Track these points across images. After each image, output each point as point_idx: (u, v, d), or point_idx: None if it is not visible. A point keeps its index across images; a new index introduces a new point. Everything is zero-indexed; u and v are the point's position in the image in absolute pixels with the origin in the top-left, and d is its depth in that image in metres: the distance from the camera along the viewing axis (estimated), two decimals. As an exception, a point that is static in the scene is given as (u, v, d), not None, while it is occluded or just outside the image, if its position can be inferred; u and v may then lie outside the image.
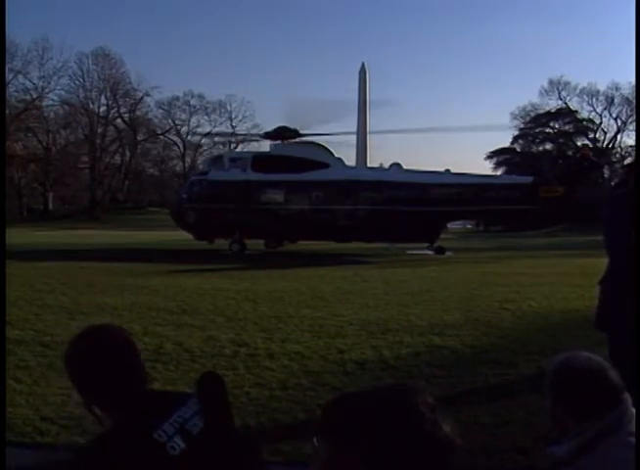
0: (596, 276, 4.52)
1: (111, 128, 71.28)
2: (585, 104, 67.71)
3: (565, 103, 67.37)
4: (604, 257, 4.35)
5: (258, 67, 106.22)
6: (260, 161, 24.93)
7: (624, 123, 66.09)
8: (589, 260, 15.50)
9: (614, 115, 66.95)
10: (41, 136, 66.69)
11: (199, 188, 25.21)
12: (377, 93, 71.97)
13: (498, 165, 64.78)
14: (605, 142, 67.45)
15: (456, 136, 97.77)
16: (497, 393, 5.76)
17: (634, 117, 59.28)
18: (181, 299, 11.16)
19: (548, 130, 67.61)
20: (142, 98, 70.99)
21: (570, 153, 60.46)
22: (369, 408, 1.23)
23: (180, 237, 28.64)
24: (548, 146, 67.15)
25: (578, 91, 67.32)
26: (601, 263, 4.50)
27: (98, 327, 2.06)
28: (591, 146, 55.73)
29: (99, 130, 69.18)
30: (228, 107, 74.84)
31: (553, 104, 67.37)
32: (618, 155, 66.16)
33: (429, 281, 14.50)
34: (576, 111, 67.44)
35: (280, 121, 33.90)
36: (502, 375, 6.30)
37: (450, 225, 31.72)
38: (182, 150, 75.39)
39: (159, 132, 74.96)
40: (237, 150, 56.02)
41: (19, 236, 28.79)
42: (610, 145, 67.27)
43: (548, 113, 66.86)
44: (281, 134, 26.66)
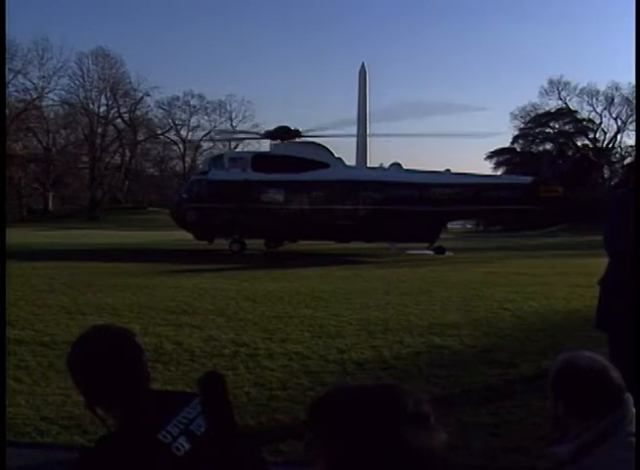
0: (596, 276, 4.52)
1: (111, 128, 71.29)
2: (585, 104, 67.87)
3: (565, 103, 67.44)
4: (604, 257, 4.35)
5: (258, 67, 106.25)
6: (260, 160, 24.92)
7: (624, 123, 66.18)
8: (589, 260, 15.52)
9: (614, 115, 67.09)
10: (41, 136, 66.70)
11: (199, 188, 25.20)
12: (377, 93, 71.96)
13: (498, 165, 64.82)
14: (605, 142, 67.49)
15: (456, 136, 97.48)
16: (497, 393, 5.76)
17: (634, 117, 59.34)
18: (181, 299, 11.16)
19: (548, 130, 67.64)
20: (142, 98, 71.13)
21: (570, 153, 60.48)
22: (348, 409, 1.22)
23: (180, 237, 28.64)
24: (548, 146, 67.18)
25: (578, 91, 67.48)
26: (601, 263, 4.50)
27: (101, 327, 2.06)
28: (591, 146, 55.78)
29: (99, 130, 69.19)
30: (228, 107, 75.03)
31: (553, 104, 67.55)
32: (618, 155, 66.19)
33: (429, 281, 14.50)
34: (576, 111, 67.53)
35: (280, 121, 33.99)
36: (502, 375, 6.29)
37: (450, 225, 31.74)
38: (182, 150, 75.41)
39: (159, 132, 74.99)
40: (237, 150, 56.04)
41: (19, 236, 28.80)
42: (610, 145, 67.30)
43: (548, 113, 66.91)
44: (281, 134, 26.66)
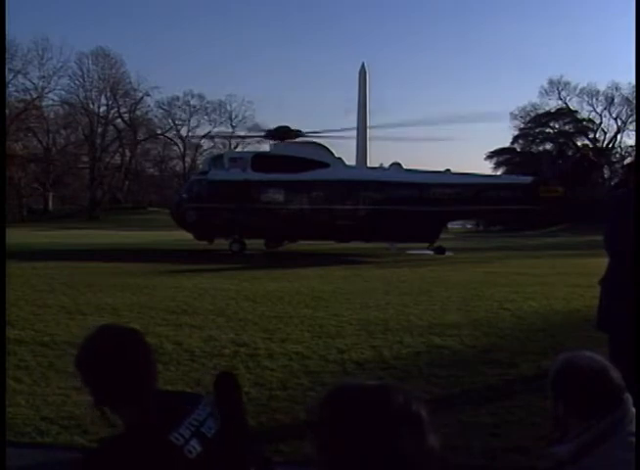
0: (596, 276, 4.52)
1: (111, 128, 71.29)
2: (585, 104, 67.88)
3: (565, 103, 67.44)
4: (604, 257, 4.35)
5: (258, 67, 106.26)
6: (260, 160, 24.92)
7: (624, 123, 66.18)
8: (589, 260, 15.52)
9: (614, 115, 67.10)
10: (41, 136, 66.71)
11: (199, 188, 25.20)
12: (377, 93, 72.01)
13: (498, 165, 64.86)
14: (605, 142, 67.49)
15: (456, 136, 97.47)
16: (497, 393, 5.76)
17: (634, 117, 59.33)
18: (181, 299, 11.16)
19: (548, 130, 67.65)
20: (142, 98, 71.14)
21: (570, 153, 60.48)
22: (348, 410, 1.22)
23: (180, 237, 28.65)
24: (548, 146, 67.19)
25: (578, 91, 67.48)
26: (601, 263, 4.50)
27: (111, 326, 2.05)
28: (591, 146, 55.77)
29: (99, 130, 69.20)
30: (228, 107, 75.04)
31: (553, 104, 67.55)
32: (618, 155, 66.18)
33: (429, 281, 14.50)
34: (576, 111, 67.53)
35: (280, 121, 33.97)
36: (502, 375, 6.29)
37: (450, 225, 31.73)
38: (182, 150, 75.41)
39: (159, 132, 74.99)
40: (237, 150, 56.03)
41: (19, 236, 28.80)
42: (610, 145, 67.30)
43: (548, 113, 66.91)
44: (281, 134, 26.66)
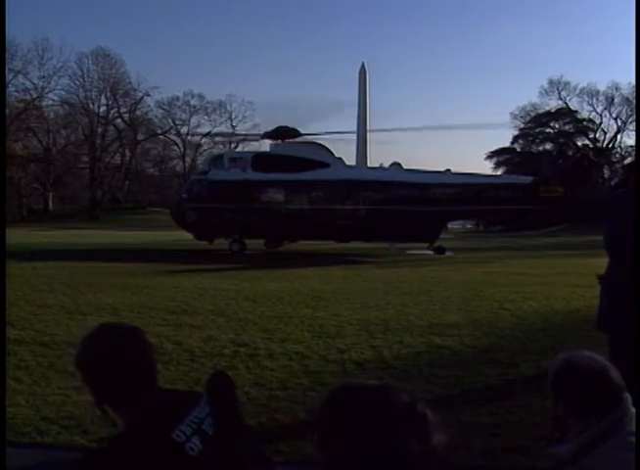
0: (596, 276, 4.52)
1: (111, 128, 71.28)
2: (585, 104, 67.87)
3: (565, 103, 67.41)
4: (604, 257, 4.35)
5: (258, 67, 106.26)
6: (260, 160, 24.93)
7: (624, 123, 66.18)
8: (589, 260, 15.50)
9: (614, 115, 67.09)
10: (41, 136, 66.70)
11: (199, 188, 25.21)
12: (377, 93, 72.04)
13: (498, 165, 64.85)
14: (605, 142, 67.48)
15: (456, 136, 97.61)
16: (497, 393, 5.76)
17: (634, 117, 59.31)
18: (181, 299, 11.16)
19: (548, 130, 67.64)
20: (142, 98, 71.10)
21: (570, 153, 60.47)
22: (348, 410, 1.22)
23: (180, 237, 28.64)
24: (548, 146, 67.18)
25: (578, 91, 67.47)
26: (601, 263, 4.50)
27: (111, 325, 2.05)
28: (591, 146, 55.75)
29: (99, 130, 69.19)
30: (228, 107, 75.02)
31: (553, 104, 67.54)
32: (618, 155, 66.17)
33: (429, 281, 14.50)
34: (576, 111, 67.51)
35: (280, 121, 33.98)
36: (502, 375, 6.29)
37: (450, 225, 31.73)
38: (182, 150, 75.40)
39: (159, 132, 74.98)
40: (237, 150, 56.04)
41: (19, 236, 28.79)
42: (610, 145, 67.29)
43: (548, 113, 66.90)
44: (281, 134, 26.66)
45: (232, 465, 1.82)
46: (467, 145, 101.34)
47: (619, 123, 66.78)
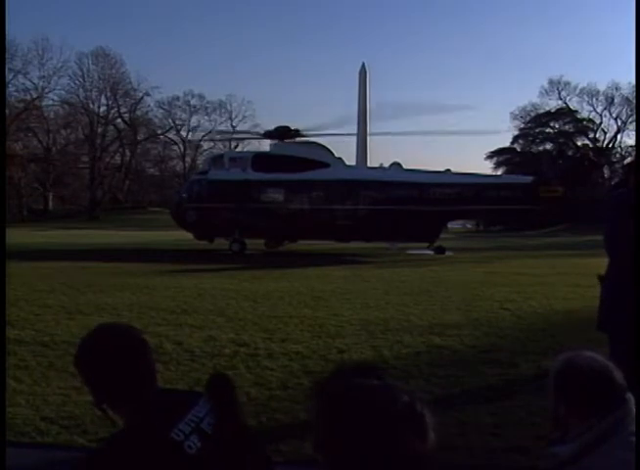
0: (596, 276, 4.52)
1: (111, 128, 71.26)
2: (585, 104, 67.80)
3: (565, 103, 67.38)
4: (604, 257, 4.35)
5: (258, 67, 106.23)
6: (260, 160, 24.93)
7: (624, 123, 66.10)
8: (589, 260, 15.50)
9: (614, 115, 67.00)
10: (41, 136, 66.64)
11: (199, 187, 25.22)
12: (376, 93, 72.01)
13: (498, 165, 64.80)
14: (605, 142, 67.45)
15: (456, 136, 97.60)
16: (497, 393, 5.76)
17: (634, 117, 59.27)
18: (181, 298, 11.16)
19: (548, 130, 67.59)
20: (142, 98, 71.06)
21: (570, 153, 60.41)
22: (346, 410, 1.22)
23: (180, 237, 28.64)
24: (548, 146, 67.06)
25: (578, 91, 67.41)
26: (601, 263, 4.50)
27: (109, 325, 2.06)
28: (591, 146, 55.76)
29: (99, 130, 69.15)
30: (228, 107, 75.00)
31: (553, 104, 67.48)
32: (618, 155, 66.12)
33: (429, 281, 14.50)
34: (576, 111, 67.47)
35: (280, 121, 33.98)
36: (502, 375, 6.30)
37: (450, 225, 31.72)
38: (182, 150, 75.40)
39: (159, 132, 74.97)
40: (237, 149, 56.03)
41: (19, 236, 28.79)
42: (610, 145, 67.26)
43: (548, 113, 66.86)
44: (281, 134, 26.66)
45: (232, 465, 1.82)
46: (467, 145, 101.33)
47: (619, 123, 66.79)
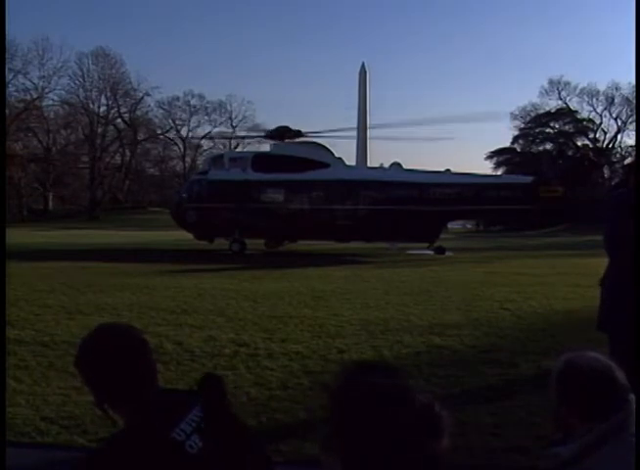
0: (596, 276, 4.51)
1: (111, 128, 71.23)
2: (585, 104, 67.76)
3: (565, 103, 67.36)
4: (604, 257, 4.35)
5: (258, 67, 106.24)
6: (260, 160, 24.93)
7: (624, 123, 66.08)
8: (589, 260, 15.50)
9: (614, 115, 66.96)
10: (41, 136, 66.63)
11: (199, 188, 25.22)
12: (377, 94, 72.03)
13: (498, 165, 64.76)
14: (605, 142, 67.42)
15: (456, 136, 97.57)
16: (497, 393, 5.76)
17: (634, 117, 59.26)
18: (181, 298, 11.16)
19: (548, 130, 67.56)
20: (142, 98, 71.02)
21: (570, 153, 60.38)
22: (359, 411, 1.22)
23: (180, 237, 28.64)
24: (548, 146, 67.02)
25: (578, 91, 67.38)
26: (601, 263, 4.50)
27: (109, 325, 2.06)
28: (591, 146, 55.73)
29: (99, 130, 69.13)
30: (228, 107, 74.97)
31: (553, 104, 67.45)
32: (618, 155, 66.10)
33: (429, 281, 14.50)
34: (576, 111, 67.44)
35: (280, 121, 33.98)
36: (502, 375, 6.30)
37: (450, 225, 31.72)
38: (182, 150, 75.40)
39: (159, 132, 74.97)
40: (237, 150, 56.03)
41: (19, 236, 28.79)
42: (610, 145, 67.24)
43: (548, 113, 66.84)
44: (281, 134, 26.66)
45: (232, 465, 1.82)
46: (467, 145, 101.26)
47: (619, 123, 66.76)
